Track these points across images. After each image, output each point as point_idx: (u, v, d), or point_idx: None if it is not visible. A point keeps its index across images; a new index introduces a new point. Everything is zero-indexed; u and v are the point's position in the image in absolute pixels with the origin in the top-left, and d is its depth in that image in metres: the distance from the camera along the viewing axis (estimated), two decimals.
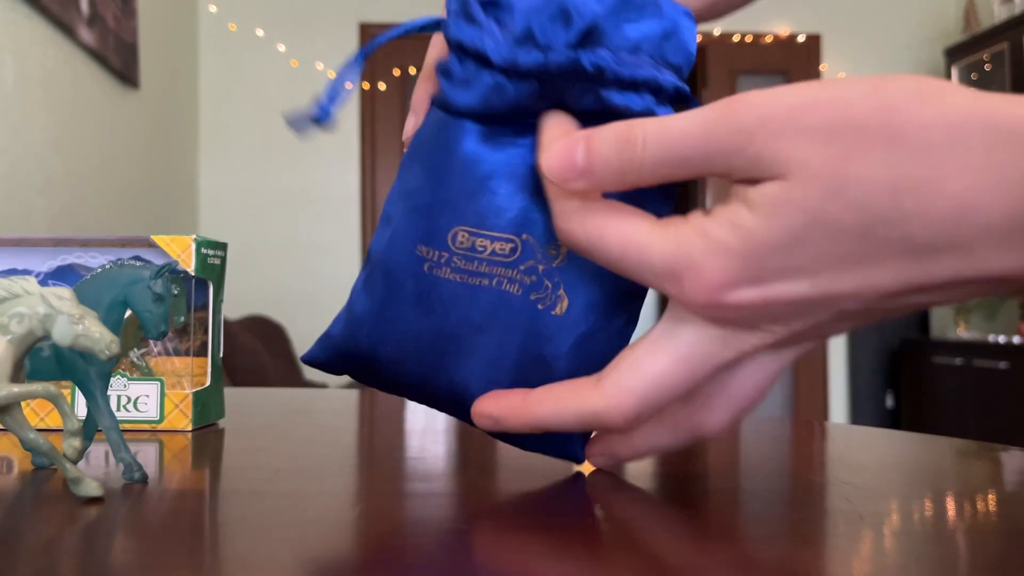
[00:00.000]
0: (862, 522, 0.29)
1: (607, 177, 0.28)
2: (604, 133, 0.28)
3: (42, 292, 0.31)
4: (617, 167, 0.28)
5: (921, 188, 0.24)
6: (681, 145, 0.27)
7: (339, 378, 3.35)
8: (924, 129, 0.24)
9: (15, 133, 1.87)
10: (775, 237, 0.26)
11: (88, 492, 0.32)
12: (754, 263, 0.26)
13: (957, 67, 3.50)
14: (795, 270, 0.26)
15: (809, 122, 0.25)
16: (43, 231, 1.96)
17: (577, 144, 0.28)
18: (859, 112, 0.25)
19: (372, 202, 3.48)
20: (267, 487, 0.35)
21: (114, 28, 2.32)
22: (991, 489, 0.36)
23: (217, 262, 0.53)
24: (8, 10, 1.82)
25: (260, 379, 2.50)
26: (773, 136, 0.26)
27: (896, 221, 0.25)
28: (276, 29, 3.39)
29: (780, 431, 0.52)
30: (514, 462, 0.41)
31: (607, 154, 0.28)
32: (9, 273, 0.50)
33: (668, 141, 0.27)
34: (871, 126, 0.25)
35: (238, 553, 0.26)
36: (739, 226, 0.26)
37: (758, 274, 0.26)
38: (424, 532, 0.28)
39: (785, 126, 0.25)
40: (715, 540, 0.27)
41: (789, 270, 0.26)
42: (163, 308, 0.36)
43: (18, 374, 0.32)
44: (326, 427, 0.53)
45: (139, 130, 2.67)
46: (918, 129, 0.24)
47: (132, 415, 0.50)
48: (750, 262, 0.26)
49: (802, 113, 0.25)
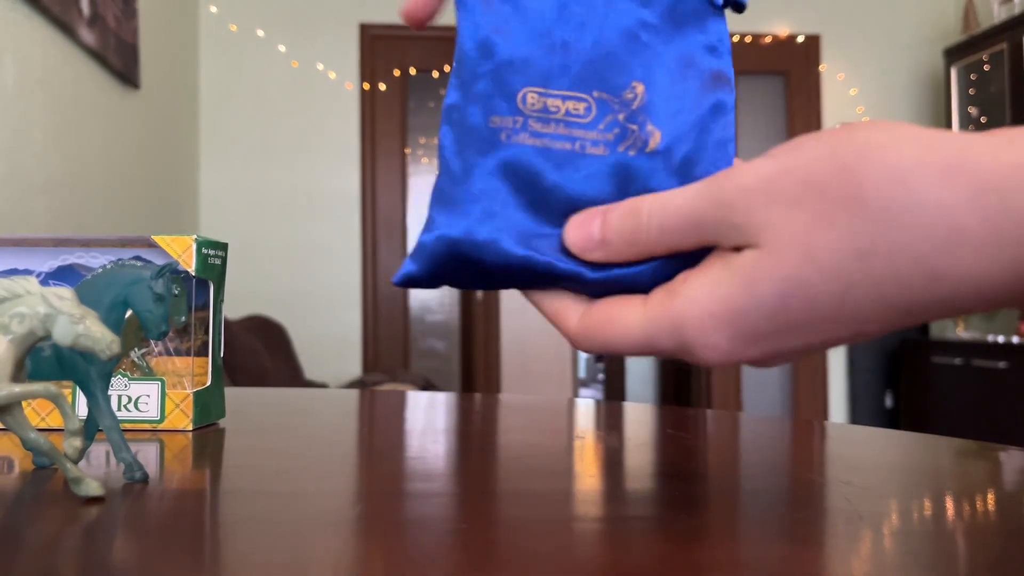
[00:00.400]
0: (862, 522, 0.29)
1: (620, 247, 0.31)
2: (616, 209, 0.31)
3: (43, 292, 0.31)
4: (628, 238, 0.30)
5: (890, 252, 0.25)
6: (677, 218, 0.29)
7: (339, 378, 3.35)
8: (879, 189, 0.25)
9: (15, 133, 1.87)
10: (759, 306, 0.27)
11: (89, 492, 0.32)
12: (748, 331, 0.28)
13: (956, 67, 3.50)
14: (786, 330, 0.27)
15: (779, 190, 0.26)
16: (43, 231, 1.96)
17: (594, 219, 0.31)
18: (820, 177, 0.26)
19: (372, 202, 3.48)
20: (267, 487, 0.35)
21: (115, 28, 2.32)
22: (990, 489, 0.36)
23: (217, 262, 0.53)
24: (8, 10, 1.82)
25: (260, 379, 2.50)
26: (750, 206, 0.27)
27: (869, 285, 0.25)
28: (277, 30, 3.39)
29: (780, 431, 0.52)
30: (514, 462, 0.41)
31: (619, 226, 0.31)
32: (10, 273, 0.50)
33: (666, 215, 0.29)
34: (832, 191, 0.25)
35: (238, 553, 0.26)
36: (726, 298, 0.28)
37: (754, 337, 0.28)
38: (424, 532, 0.28)
39: (759, 196, 0.27)
40: (715, 539, 0.27)
41: (781, 331, 0.27)
42: (164, 308, 0.36)
43: (19, 374, 0.32)
44: (326, 427, 0.53)
45: (139, 130, 2.67)
46: (874, 190, 0.25)
47: (133, 415, 0.50)
48: (745, 331, 0.28)
49: (773, 182, 0.27)
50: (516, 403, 0.66)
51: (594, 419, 0.58)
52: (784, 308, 0.27)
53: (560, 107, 0.33)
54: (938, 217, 0.24)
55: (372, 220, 3.48)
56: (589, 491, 0.35)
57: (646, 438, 0.47)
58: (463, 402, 0.67)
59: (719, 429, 0.50)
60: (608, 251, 0.31)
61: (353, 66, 3.44)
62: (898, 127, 0.26)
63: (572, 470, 0.39)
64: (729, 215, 0.28)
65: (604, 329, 0.31)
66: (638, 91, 0.33)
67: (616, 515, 0.31)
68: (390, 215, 3.49)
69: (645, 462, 0.41)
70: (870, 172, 0.25)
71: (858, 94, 3.67)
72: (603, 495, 0.34)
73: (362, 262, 3.46)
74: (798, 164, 0.26)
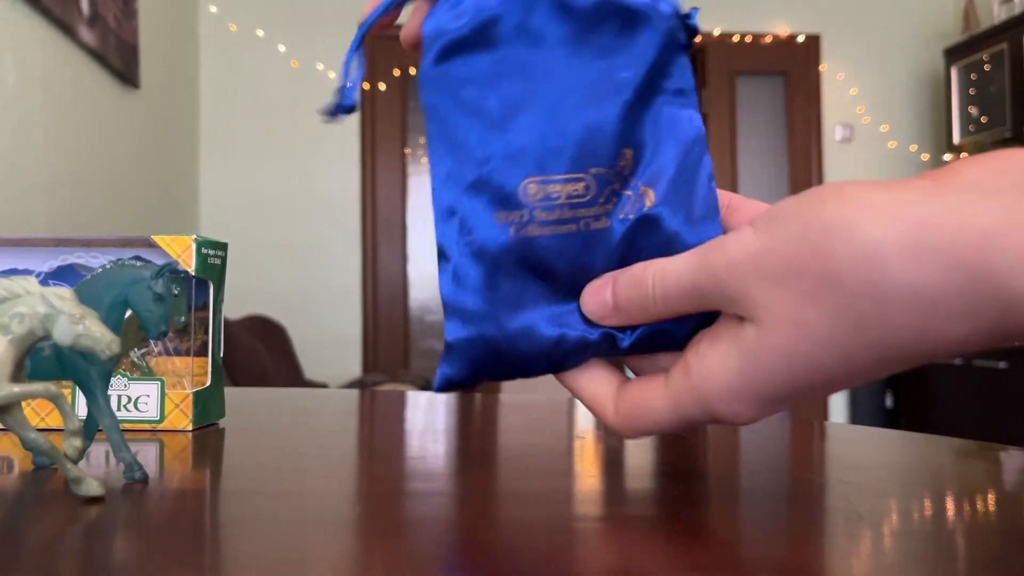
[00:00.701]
0: (861, 522, 0.29)
1: (632, 313, 0.32)
2: (624, 276, 0.32)
3: (43, 292, 0.31)
4: (638, 304, 0.32)
5: (877, 324, 0.26)
6: (677, 288, 0.31)
7: (339, 378, 3.35)
8: (852, 270, 0.26)
9: (15, 133, 1.87)
10: (771, 378, 0.28)
11: (89, 492, 0.32)
12: (766, 397, 0.29)
13: (956, 67, 3.50)
14: (801, 391, 0.29)
15: (765, 269, 0.28)
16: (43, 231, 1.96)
17: (606, 286, 0.33)
18: (799, 258, 0.27)
19: (372, 202, 3.48)
20: (267, 487, 0.35)
21: (115, 28, 2.32)
22: (990, 489, 0.36)
23: (217, 262, 0.53)
24: (8, 10, 1.82)
25: (260, 379, 2.50)
26: (741, 282, 0.28)
27: (867, 350, 0.27)
28: (276, 29, 3.39)
29: (780, 431, 0.52)
30: (514, 462, 0.41)
31: (628, 294, 0.32)
32: (10, 273, 0.50)
33: (667, 286, 0.31)
34: (812, 271, 0.26)
35: (238, 553, 0.26)
36: (739, 372, 0.29)
37: (773, 401, 0.30)
38: (424, 532, 0.28)
39: (748, 273, 0.28)
40: (715, 539, 0.27)
41: (796, 392, 0.29)
42: (163, 308, 0.36)
43: (19, 374, 0.32)
44: (326, 427, 0.53)
45: (139, 130, 2.67)
46: (847, 271, 0.26)
47: (133, 415, 0.50)
48: (763, 397, 0.29)
49: (758, 260, 0.28)
50: (516, 403, 0.66)
51: (594, 419, 0.58)
52: (793, 377, 0.28)
53: (561, 191, 0.33)
54: (913, 294, 0.25)
55: (372, 220, 3.48)
56: (589, 491, 0.35)
57: (646, 438, 0.47)
58: (463, 402, 0.67)
59: (719, 429, 0.50)
60: (622, 317, 0.32)
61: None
62: (860, 197, 0.26)
63: (572, 470, 0.39)
64: (723, 288, 0.29)
65: (638, 418, 0.32)
66: (628, 157, 0.34)
67: (616, 515, 0.31)
68: (390, 215, 3.49)
69: (645, 462, 0.41)
70: (841, 254, 0.26)
71: (858, 94, 3.67)
72: (603, 495, 0.34)
73: (362, 262, 3.46)
74: (778, 244, 0.27)
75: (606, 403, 0.33)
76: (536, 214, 0.33)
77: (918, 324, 0.25)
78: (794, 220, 0.27)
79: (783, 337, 0.28)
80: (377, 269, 3.47)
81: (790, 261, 0.27)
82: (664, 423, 0.31)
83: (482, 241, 0.33)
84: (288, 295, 3.36)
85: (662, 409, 0.31)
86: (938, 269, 0.24)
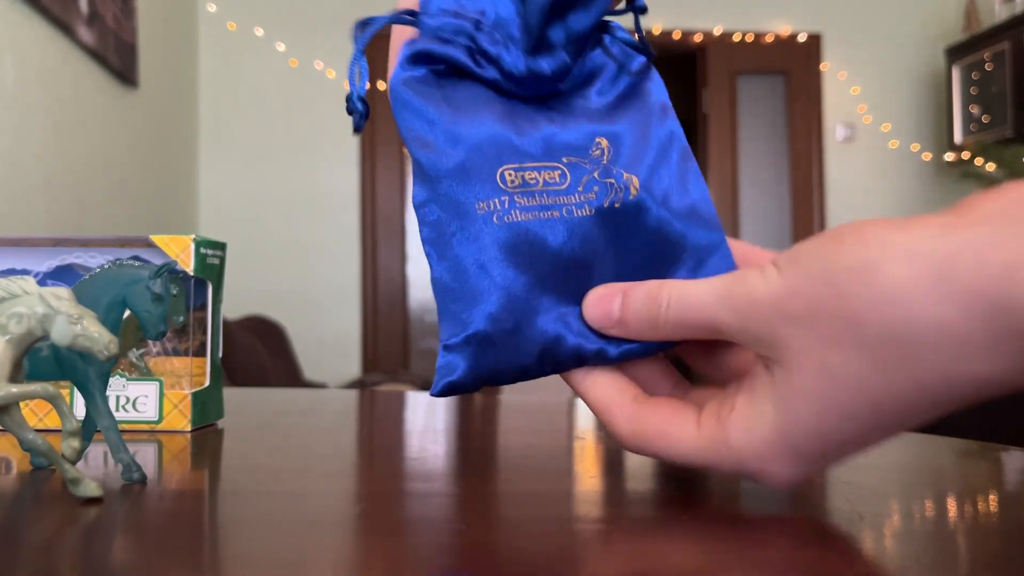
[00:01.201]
0: (862, 522, 0.29)
1: (637, 328, 0.32)
2: (638, 290, 0.32)
3: (41, 292, 0.31)
4: (645, 321, 0.31)
5: (904, 367, 0.25)
6: (694, 314, 0.30)
7: (338, 378, 3.35)
8: (874, 312, 0.25)
9: (15, 133, 1.87)
10: (802, 427, 0.28)
11: (87, 492, 0.32)
12: (801, 451, 0.28)
13: (958, 67, 3.50)
14: (835, 445, 0.28)
15: (791, 311, 0.27)
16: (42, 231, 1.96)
17: (615, 297, 0.32)
18: (823, 301, 0.26)
19: (372, 202, 3.48)
20: (266, 487, 0.35)
21: (113, 28, 2.32)
22: (991, 489, 0.36)
23: (216, 262, 0.53)
24: (8, 10, 1.82)
25: (259, 379, 2.50)
26: (766, 322, 0.28)
27: (895, 396, 0.26)
28: (275, 28, 3.39)
29: None
30: (514, 462, 0.41)
31: (638, 309, 0.31)
32: (8, 273, 0.50)
33: (684, 308, 0.30)
34: (835, 315, 0.26)
35: (238, 553, 0.26)
36: (772, 423, 0.28)
37: (808, 457, 0.29)
38: (424, 532, 0.28)
39: (774, 313, 0.28)
40: (715, 540, 0.27)
41: (829, 447, 0.28)
42: (162, 308, 0.36)
43: (17, 374, 0.32)
44: (326, 427, 0.53)
45: (138, 130, 2.67)
46: (870, 314, 0.25)
47: (131, 415, 0.50)
48: (798, 452, 0.28)
49: (783, 301, 0.27)
50: (516, 403, 0.66)
51: (594, 420, 0.58)
52: (826, 426, 0.27)
53: (538, 178, 0.33)
54: (938, 334, 0.25)
55: (371, 219, 3.47)
56: (589, 492, 0.35)
57: None
58: (463, 402, 0.67)
59: None
60: (624, 330, 0.32)
61: None
62: (878, 237, 0.26)
63: (572, 471, 0.39)
64: (747, 326, 0.28)
65: (656, 441, 0.31)
66: (603, 145, 0.34)
67: (616, 516, 0.30)
68: (389, 214, 3.49)
69: (645, 463, 0.41)
70: (863, 297, 0.26)
71: (859, 93, 3.67)
72: (603, 496, 0.34)
73: (361, 262, 3.46)
74: (802, 286, 0.27)
75: (613, 409, 0.32)
76: (517, 200, 0.33)
77: (945, 364, 0.25)
78: (817, 262, 0.27)
79: (811, 380, 0.27)
80: (376, 269, 3.47)
81: (814, 303, 0.27)
82: (681, 458, 0.31)
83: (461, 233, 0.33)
84: (287, 295, 3.35)
85: (686, 447, 0.30)
86: (960, 305, 0.24)
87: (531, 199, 0.33)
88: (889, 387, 0.26)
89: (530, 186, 0.33)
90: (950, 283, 0.24)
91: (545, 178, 0.33)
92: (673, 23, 3.57)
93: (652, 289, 0.31)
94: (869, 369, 0.26)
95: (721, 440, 0.29)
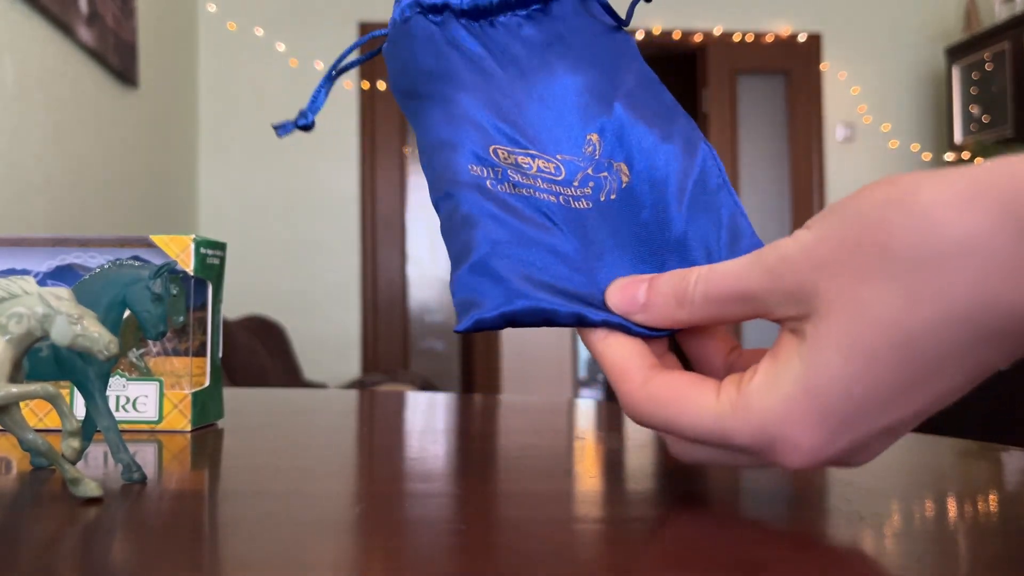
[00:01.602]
0: (862, 522, 0.29)
1: (663, 308, 0.31)
2: (664, 275, 0.31)
3: (41, 292, 0.31)
4: (672, 298, 0.31)
5: (936, 295, 0.24)
6: (723, 288, 0.29)
7: (338, 378, 3.35)
8: (904, 234, 0.25)
9: (14, 133, 1.87)
10: (828, 378, 0.26)
11: (87, 493, 0.32)
12: (830, 413, 0.26)
13: (958, 67, 3.49)
14: (867, 402, 0.26)
15: (820, 258, 0.27)
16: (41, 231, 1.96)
17: (640, 284, 0.32)
18: (854, 236, 0.26)
19: (372, 202, 3.48)
20: (267, 487, 0.35)
21: (113, 27, 2.32)
22: (991, 489, 0.36)
23: (216, 262, 0.53)
24: (8, 10, 1.82)
25: (259, 379, 2.50)
26: (798, 275, 0.27)
27: (927, 329, 0.25)
28: (275, 28, 3.38)
29: None
30: (514, 463, 0.41)
31: (665, 292, 0.31)
32: (8, 273, 0.50)
33: (712, 283, 0.30)
34: (866, 245, 0.26)
35: (238, 553, 0.26)
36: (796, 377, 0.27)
37: (837, 420, 0.27)
38: (424, 532, 0.28)
39: (804, 264, 0.27)
40: (715, 540, 0.27)
41: (862, 403, 0.26)
42: (162, 308, 0.36)
43: (17, 374, 0.32)
44: (326, 427, 0.53)
45: (138, 129, 2.67)
46: (900, 237, 0.25)
47: (131, 415, 0.50)
48: (823, 412, 0.27)
49: (813, 251, 0.27)
50: (516, 404, 0.66)
51: (595, 420, 0.58)
52: (852, 374, 0.26)
53: (532, 164, 0.34)
54: (970, 248, 0.24)
55: (371, 219, 3.47)
56: (589, 492, 0.35)
57: (647, 439, 0.47)
58: (463, 403, 0.67)
59: None
60: (650, 315, 0.31)
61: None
62: (917, 174, 0.26)
63: (572, 471, 0.39)
64: (780, 285, 0.28)
65: (670, 406, 0.29)
66: (594, 141, 0.34)
67: (616, 516, 0.30)
68: (389, 214, 3.49)
69: (645, 463, 0.41)
70: (895, 221, 0.25)
71: (860, 93, 3.67)
72: (603, 496, 0.34)
73: (361, 262, 3.46)
74: (832, 230, 0.27)
75: (632, 372, 0.31)
76: (510, 174, 0.33)
77: (977, 284, 0.24)
78: (847, 207, 0.27)
79: (842, 325, 0.26)
80: (376, 269, 3.47)
81: (845, 241, 0.26)
82: (698, 428, 0.29)
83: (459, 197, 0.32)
84: (287, 295, 3.35)
85: (706, 416, 0.28)
86: (993, 216, 0.23)
87: (526, 178, 0.33)
88: (921, 322, 0.25)
89: (524, 169, 0.33)
90: (983, 198, 0.24)
91: (540, 165, 0.34)
92: (673, 23, 3.57)
93: (679, 271, 0.31)
94: (900, 302, 0.25)
95: (742, 404, 0.28)
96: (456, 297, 0.32)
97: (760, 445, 0.28)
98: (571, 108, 0.36)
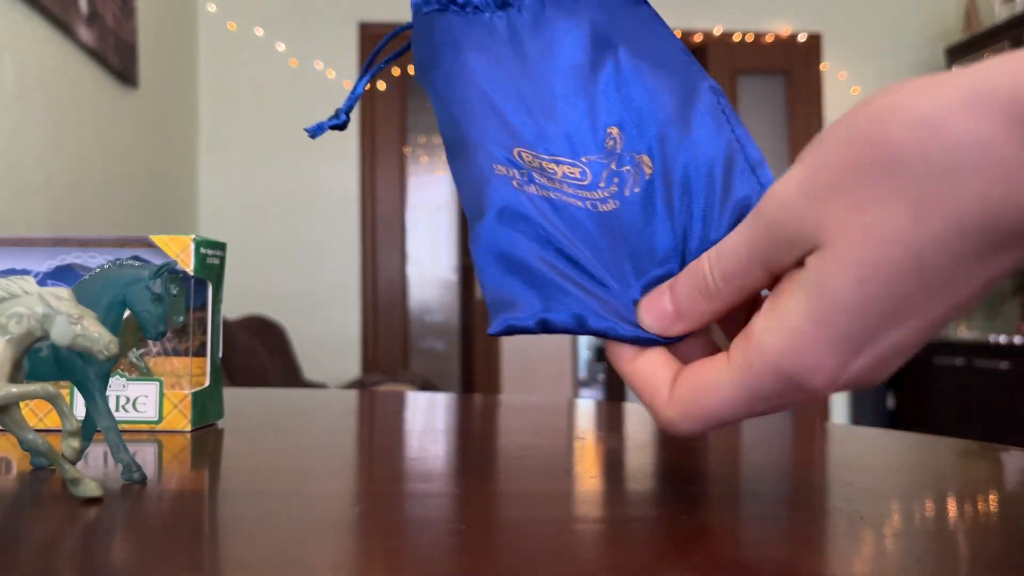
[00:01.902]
0: (862, 522, 0.29)
1: (695, 308, 0.30)
2: (678, 278, 0.31)
3: (41, 292, 0.31)
4: (700, 295, 0.30)
5: (945, 205, 0.24)
6: (734, 258, 0.29)
7: (338, 378, 3.35)
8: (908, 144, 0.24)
9: (14, 133, 1.87)
10: (839, 305, 0.25)
11: (87, 492, 0.32)
12: (842, 335, 0.26)
13: (958, 67, 3.49)
14: (877, 323, 0.26)
15: (817, 190, 0.26)
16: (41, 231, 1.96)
17: (662, 295, 0.31)
18: (852, 155, 0.25)
19: (372, 202, 3.48)
20: (267, 487, 0.35)
21: (113, 27, 2.32)
22: (992, 489, 0.36)
23: (216, 262, 0.53)
24: (8, 10, 1.82)
25: (259, 379, 2.50)
26: (797, 215, 0.26)
27: (937, 243, 0.24)
28: (275, 28, 3.39)
29: (781, 431, 0.52)
30: (514, 463, 0.41)
31: (687, 291, 0.30)
32: (8, 273, 0.50)
33: (723, 260, 0.29)
34: (867, 162, 0.25)
35: (238, 553, 0.26)
36: (806, 312, 0.26)
37: (850, 343, 0.26)
38: (424, 532, 0.28)
39: (801, 202, 0.26)
40: (715, 540, 0.27)
41: (872, 326, 0.26)
42: (162, 308, 0.36)
43: (17, 374, 0.32)
44: (326, 427, 0.53)
45: (138, 129, 2.67)
46: (903, 148, 0.24)
47: (131, 415, 0.50)
48: (839, 337, 0.26)
49: (808, 184, 0.26)
50: (516, 404, 0.66)
51: (595, 420, 0.58)
52: (863, 297, 0.25)
53: (556, 170, 0.33)
54: (977, 153, 0.23)
55: (371, 219, 3.47)
56: (589, 492, 0.34)
57: (647, 439, 0.47)
58: (463, 403, 0.67)
59: (720, 429, 0.50)
60: (685, 320, 0.31)
61: (352, 65, 3.43)
62: (912, 82, 0.25)
63: (572, 471, 0.39)
64: (781, 232, 0.27)
65: (698, 402, 0.29)
66: (615, 135, 0.34)
67: (616, 516, 0.30)
68: (389, 214, 3.49)
69: (646, 463, 0.41)
70: (895, 134, 0.24)
71: (860, 93, 3.67)
72: (603, 496, 0.34)
73: (361, 262, 3.46)
74: (826, 157, 0.26)
75: (663, 390, 0.30)
76: (535, 176, 0.33)
77: (987, 191, 0.23)
78: (840, 129, 0.26)
79: (846, 249, 0.25)
80: (376, 269, 3.47)
81: (843, 164, 0.25)
82: (730, 403, 0.28)
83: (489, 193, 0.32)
84: (287, 295, 3.35)
85: (726, 384, 0.28)
86: (998, 122, 0.23)
87: (552, 182, 0.33)
88: (932, 235, 0.24)
89: (549, 174, 0.33)
90: (986, 99, 0.23)
91: (565, 171, 0.33)
92: (673, 23, 3.57)
93: (690, 267, 0.30)
94: (908, 218, 0.24)
95: (754, 351, 0.27)
96: (487, 291, 0.31)
97: (784, 381, 0.27)
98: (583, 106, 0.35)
